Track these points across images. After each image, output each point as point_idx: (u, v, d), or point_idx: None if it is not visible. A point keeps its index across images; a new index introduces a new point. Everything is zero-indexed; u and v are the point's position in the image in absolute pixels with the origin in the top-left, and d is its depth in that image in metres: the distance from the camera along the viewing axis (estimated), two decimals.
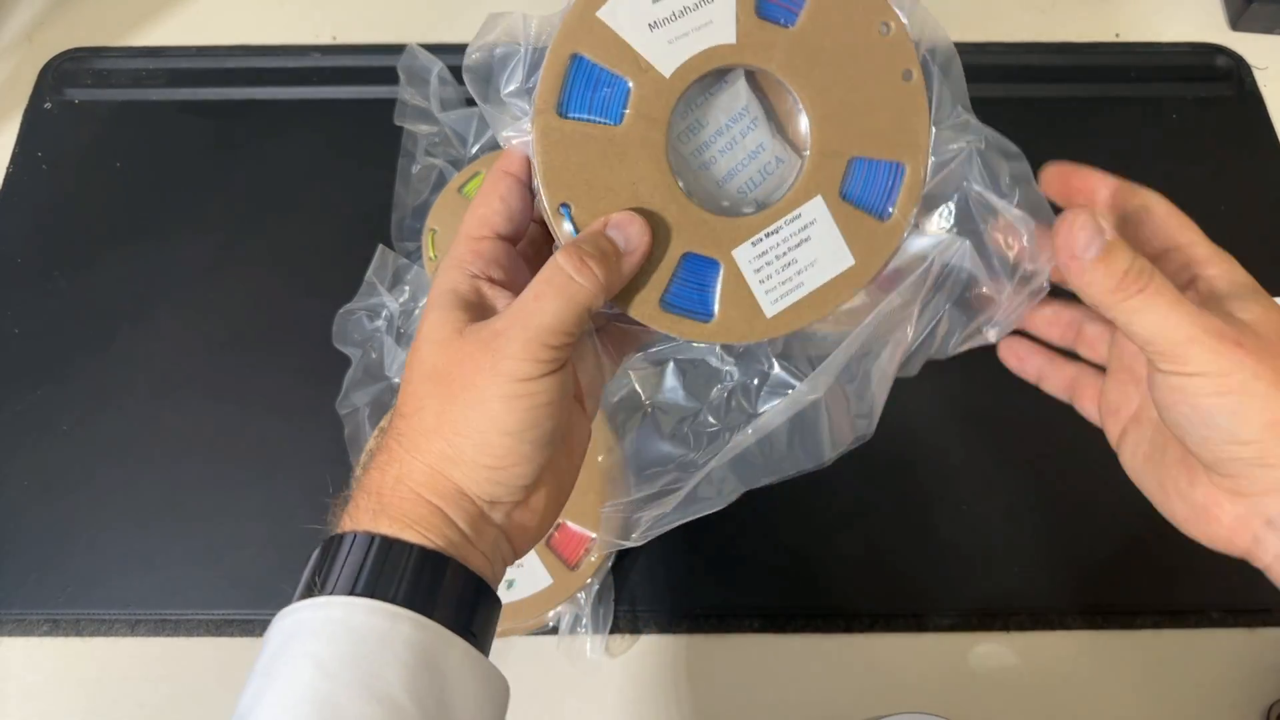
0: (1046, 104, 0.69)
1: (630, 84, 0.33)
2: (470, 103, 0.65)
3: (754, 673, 0.51)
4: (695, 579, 0.53)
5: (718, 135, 0.35)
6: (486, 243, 0.33)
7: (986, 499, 0.54)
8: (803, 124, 0.35)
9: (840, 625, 0.51)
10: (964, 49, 0.77)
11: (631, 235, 0.32)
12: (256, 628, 0.51)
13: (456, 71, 0.63)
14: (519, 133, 0.33)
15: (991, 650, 0.51)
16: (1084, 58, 0.71)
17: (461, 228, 0.34)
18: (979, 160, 0.35)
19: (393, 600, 0.29)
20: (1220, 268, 0.35)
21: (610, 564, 0.51)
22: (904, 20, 0.34)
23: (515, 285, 0.33)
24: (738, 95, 0.35)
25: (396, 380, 0.55)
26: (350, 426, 0.54)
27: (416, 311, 0.56)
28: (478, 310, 0.32)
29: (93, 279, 0.61)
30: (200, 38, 0.71)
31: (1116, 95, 0.69)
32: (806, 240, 0.34)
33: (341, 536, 0.31)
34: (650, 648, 0.51)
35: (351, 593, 0.30)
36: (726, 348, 0.45)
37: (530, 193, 0.34)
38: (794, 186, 0.34)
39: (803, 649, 0.51)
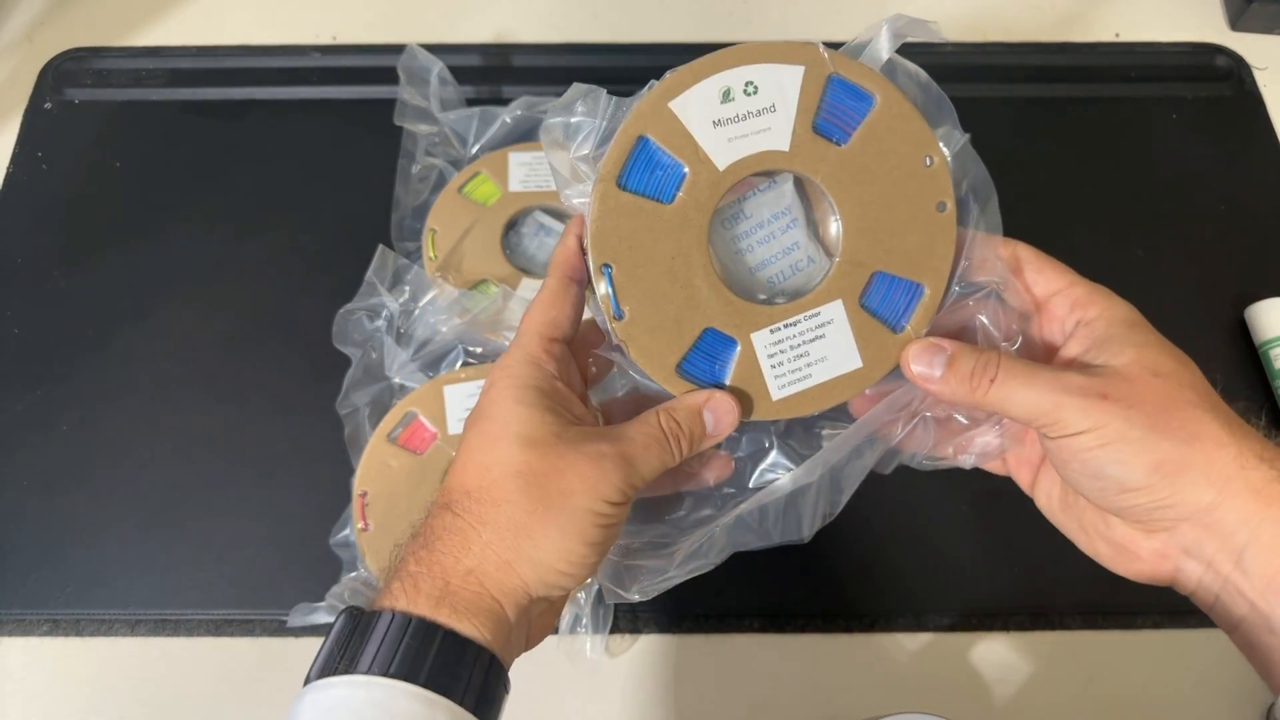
0: (1046, 104, 0.69)
1: (686, 170, 0.36)
2: (470, 103, 0.65)
3: (754, 673, 0.51)
4: (695, 579, 0.53)
5: (758, 227, 0.38)
6: (558, 345, 0.36)
7: (987, 499, 0.54)
8: (835, 230, 0.37)
9: (840, 625, 0.51)
10: (964, 49, 0.78)
11: (722, 422, 0.36)
12: (256, 628, 0.51)
13: (456, 72, 0.63)
14: (580, 194, 0.36)
15: (991, 650, 0.51)
16: (1084, 58, 0.71)
17: (529, 323, 0.36)
18: (997, 300, 0.37)
19: (436, 688, 0.30)
20: (1098, 306, 0.35)
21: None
22: (947, 155, 0.37)
23: (573, 385, 0.36)
24: (783, 196, 0.38)
25: (397, 380, 0.55)
26: (350, 426, 0.54)
27: (416, 312, 0.56)
28: (557, 414, 0.34)
29: (93, 279, 0.61)
30: (200, 38, 0.71)
31: (1116, 95, 0.69)
32: (821, 337, 0.37)
33: (393, 615, 0.31)
34: (650, 648, 0.51)
35: (391, 674, 0.30)
36: None
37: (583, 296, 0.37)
38: (819, 287, 0.37)
39: (803, 649, 0.51)
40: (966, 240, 0.37)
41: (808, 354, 0.37)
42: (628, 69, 0.69)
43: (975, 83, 0.70)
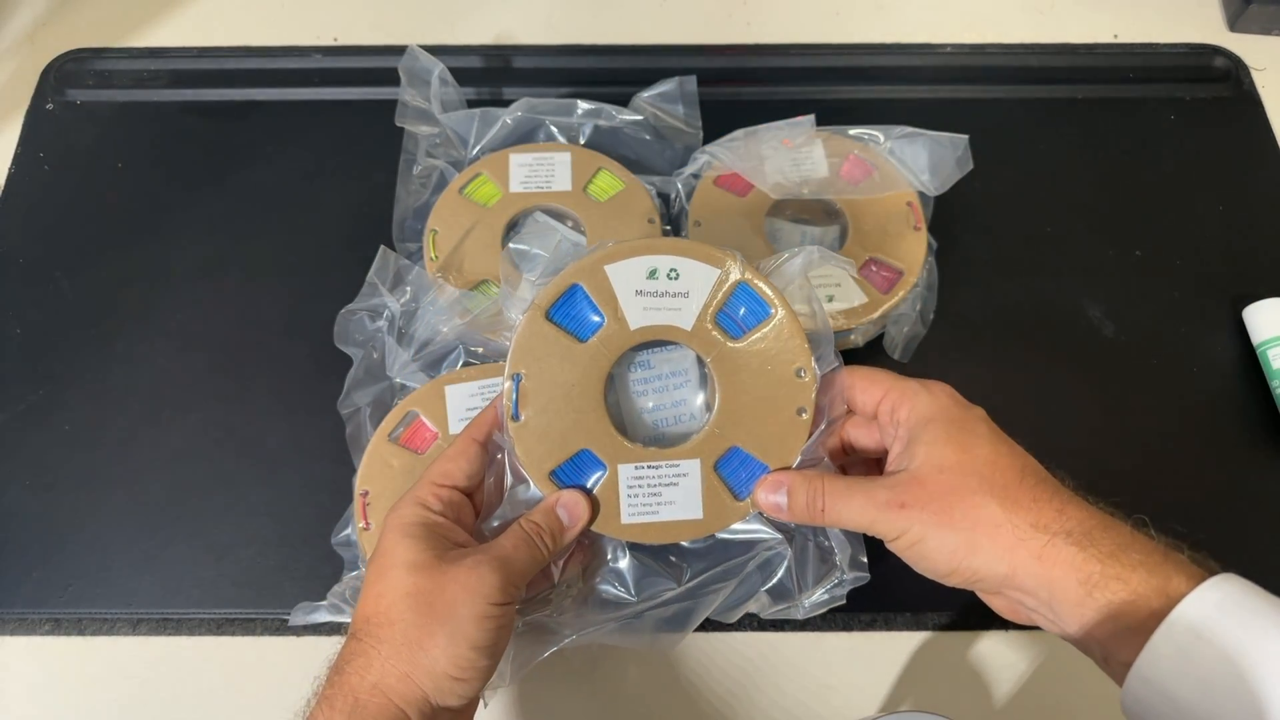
0: (1046, 104, 0.69)
1: (604, 321, 0.44)
2: (470, 104, 0.65)
3: (754, 673, 0.51)
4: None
5: (657, 377, 0.47)
6: (447, 490, 0.42)
7: None
8: (714, 403, 0.45)
9: (841, 625, 0.52)
10: (962, 50, 0.78)
11: (574, 514, 0.43)
12: (258, 627, 0.51)
13: (457, 73, 0.64)
14: (517, 314, 0.45)
15: (991, 650, 0.51)
16: (1082, 58, 0.71)
17: (426, 473, 0.43)
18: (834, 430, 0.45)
19: None
20: (906, 407, 0.42)
21: (609, 564, 0.51)
22: (817, 373, 0.44)
23: (466, 525, 0.42)
24: (685, 359, 0.47)
25: (398, 380, 0.55)
26: (351, 426, 0.54)
27: (418, 312, 0.56)
28: (440, 542, 0.39)
29: (93, 279, 0.61)
30: (202, 39, 0.71)
31: (1115, 96, 0.69)
32: (674, 485, 0.44)
33: None
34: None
35: None
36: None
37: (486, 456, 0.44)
38: (684, 445, 0.44)
39: (803, 649, 0.51)
40: (837, 384, 0.45)
41: (659, 494, 0.44)
42: (627, 71, 0.69)
43: (974, 84, 0.70)
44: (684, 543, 0.47)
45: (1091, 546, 0.36)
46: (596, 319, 0.44)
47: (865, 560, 0.46)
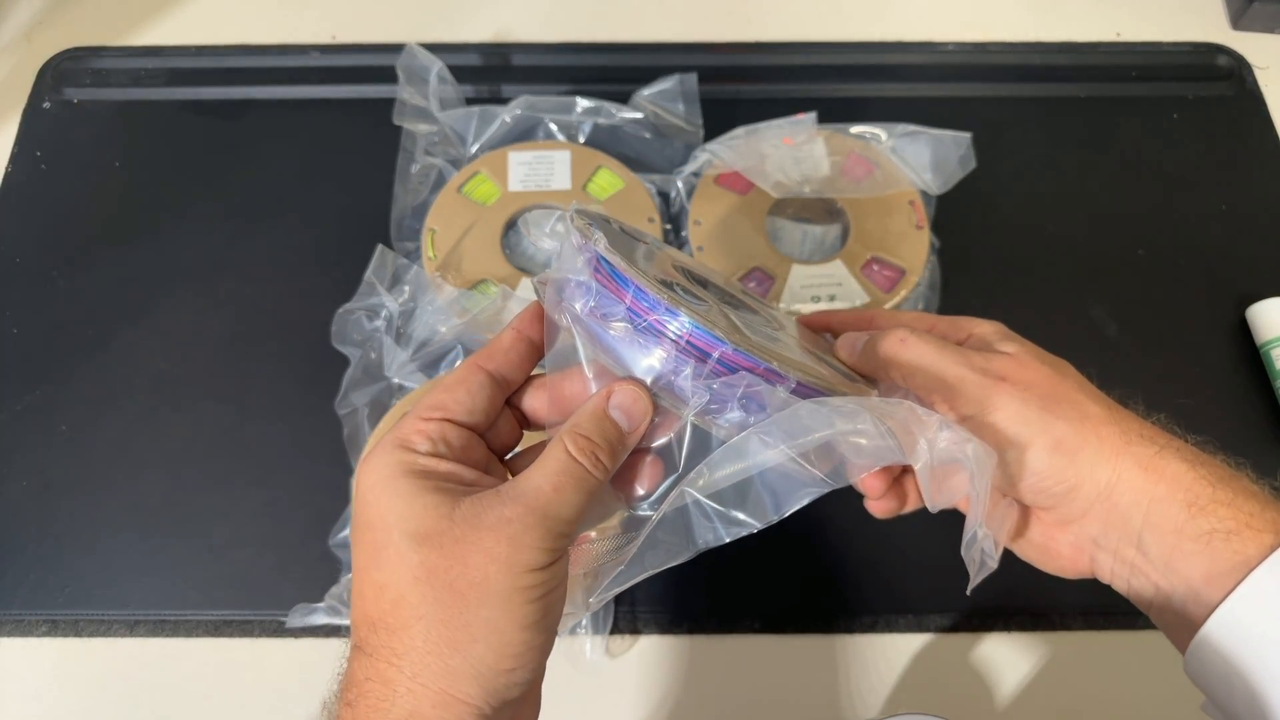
0: (1048, 103, 0.69)
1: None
2: (469, 102, 0.65)
3: (754, 673, 0.50)
4: (696, 580, 0.52)
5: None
6: (437, 424, 0.30)
7: None
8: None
9: (840, 625, 0.51)
10: (964, 49, 0.77)
11: (634, 411, 0.31)
12: (255, 629, 0.51)
13: (456, 70, 0.63)
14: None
15: (991, 650, 0.51)
16: (1084, 57, 0.71)
17: (412, 409, 0.31)
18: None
19: None
20: (982, 327, 0.38)
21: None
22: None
23: (471, 460, 0.31)
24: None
25: (396, 380, 0.55)
26: (349, 427, 0.54)
27: (416, 311, 0.56)
28: (443, 492, 0.29)
29: (93, 279, 0.61)
30: (199, 37, 0.71)
31: (1117, 95, 0.69)
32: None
33: None
34: (650, 648, 0.51)
35: None
36: None
37: (500, 388, 0.32)
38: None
39: (803, 649, 0.51)
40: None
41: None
42: (627, 68, 0.69)
43: (977, 82, 0.70)
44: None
45: (1201, 466, 0.32)
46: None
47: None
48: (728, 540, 0.32)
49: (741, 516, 0.32)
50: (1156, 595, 0.33)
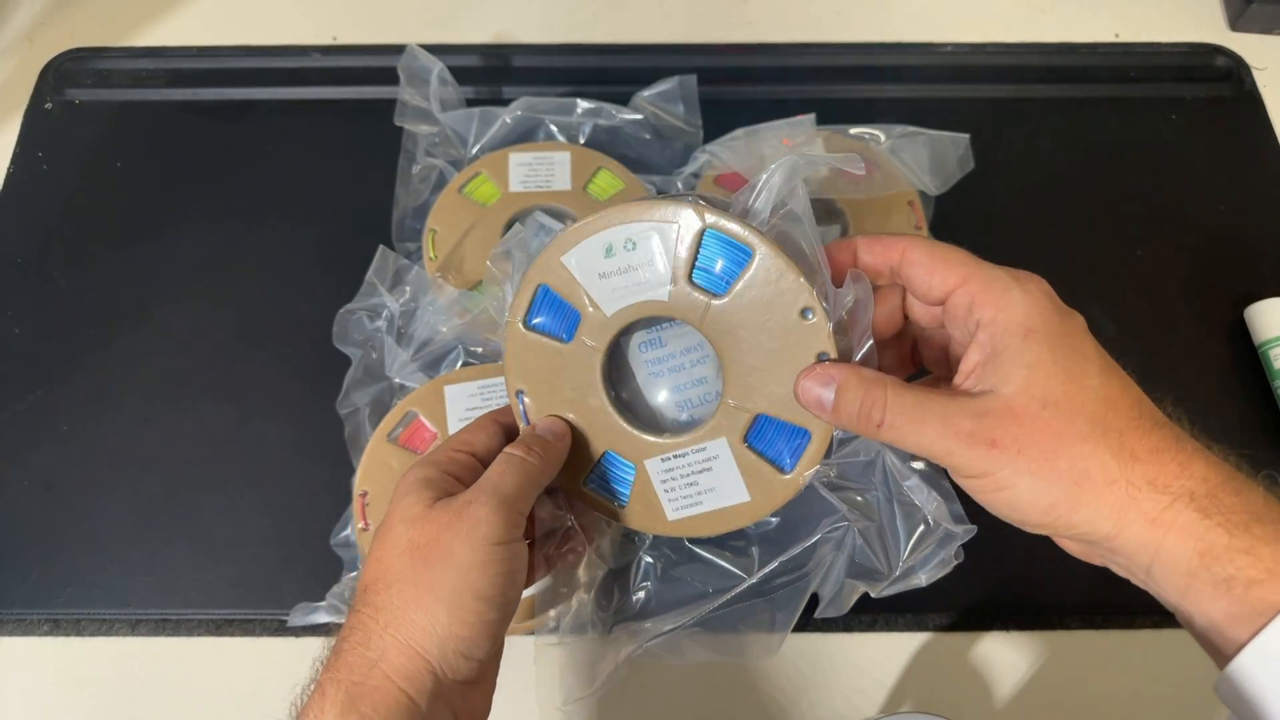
0: (1046, 104, 0.69)
1: (580, 315, 0.40)
2: (470, 103, 0.65)
3: (754, 673, 0.51)
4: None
5: (671, 356, 0.42)
6: (464, 456, 0.39)
7: None
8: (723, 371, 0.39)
9: (841, 625, 0.51)
10: (963, 49, 0.78)
11: (555, 431, 0.40)
12: (256, 628, 0.51)
13: (456, 72, 0.63)
14: (496, 335, 0.44)
15: (991, 650, 0.51)
16: (1084, 58, 0.71)
17: (445, 442, 0.41)
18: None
19: None
20: (993, 307, 0.34)
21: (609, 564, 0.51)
22: (825, 309, 0.36)
23: (470, 480, 0.38)
24: (692, 333, 0.41)
25: (397, 380, 0.55)
26: (350, 426, 0.54)
27: (417, 311, 0.56)
28: (438, 490, 0.37)
29: (93, 279, 0.61)
30: (201, 38, 0.71)
31: (1116, 95, 0.69)
32: (708, 470, 0.40)
33: None
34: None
35: None
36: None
37: (507, 436, 0.42)
38: (704, 426, 0.40)
39: (803, 649, 0.51)
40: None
41: (697, 483, 0.41)
42: (627, 69, 0.69)
43: (974, 83, 0.70)
44: (749, 529, 0.42)
45: (1218, 513, 0.30)
46: (574, 315, 0.40)
47: (962, 511, 0.38)
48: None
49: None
50: (1181, 614, 0.32)
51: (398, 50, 0.63)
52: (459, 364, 0.55)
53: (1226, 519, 0.30)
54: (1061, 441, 0.31)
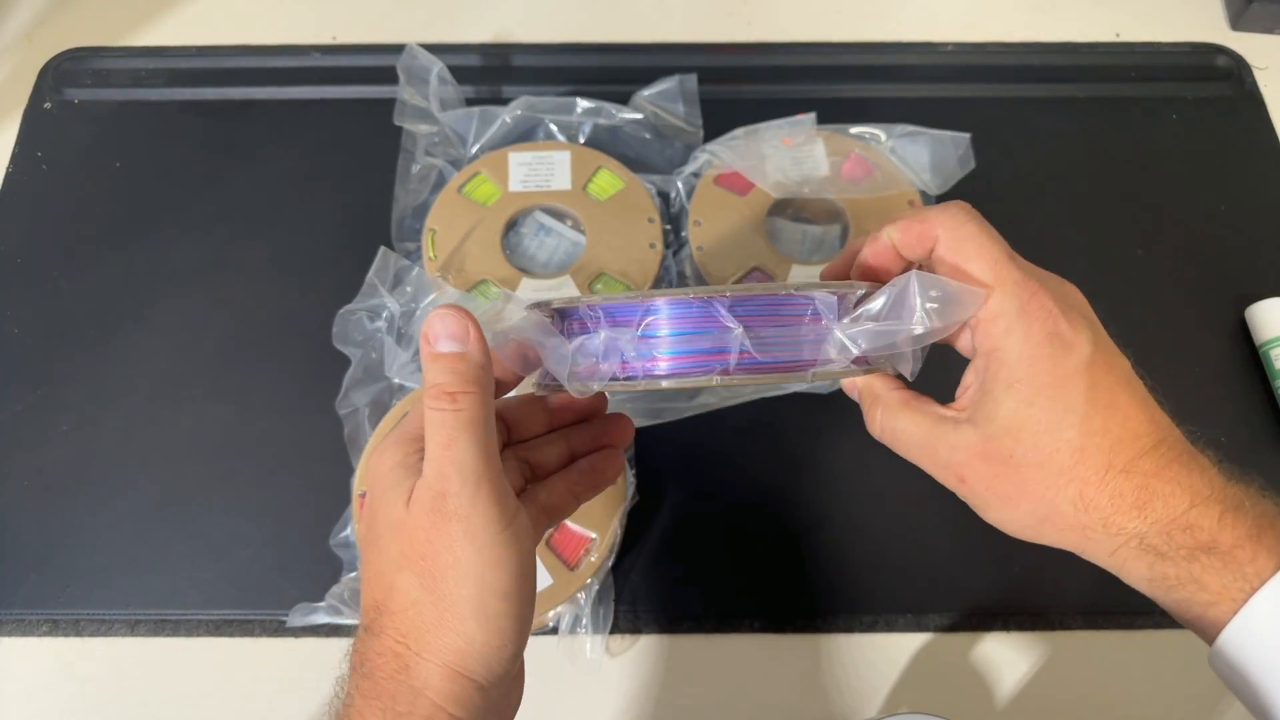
0: (1047, 103, 0.69)
1: None
2: (469, 103, 0.65)
3: (754, 673, 0.50)
4: (696, 579, 0.53)
5: None
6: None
7: None
8: None
9: (840, 625, 0.51)
10: (964, 49, 0.77)
11: (455, 330, 0.32)
12: (256, 628, 0.51)
13: (456, 71, 0.63)
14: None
15: (991, 650, 0.51)
16: (1084, 58, 0.71)
17: (415, 407, 0.33)
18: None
19: None
20: (988, 340, 0.34)
21: (610, 564, 0.51)
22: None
23: None
24: None
25: (397, 380, 0.55)
26: (350, 426, 0.54)
27: (418, 312, 0.56)
28: (413, 475, 0.32)
29: (93, 279, 0.61)
30: (200, 37, 0.71)
31: (1116, 95, 0.69)
32: None
33: None
34: (650, 648, 0.51)
35: None
36: None
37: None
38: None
39: (803, 649, 0.51)
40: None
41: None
42: (627, 69, 0.69)
43: (975, 83, 0.70)
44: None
45: (1171, 552, 0.32)
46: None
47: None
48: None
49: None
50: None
51: (397, 49, 0.63)
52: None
53: (1175, 554, 0.32)
54: (1024, 489, 0.34)
